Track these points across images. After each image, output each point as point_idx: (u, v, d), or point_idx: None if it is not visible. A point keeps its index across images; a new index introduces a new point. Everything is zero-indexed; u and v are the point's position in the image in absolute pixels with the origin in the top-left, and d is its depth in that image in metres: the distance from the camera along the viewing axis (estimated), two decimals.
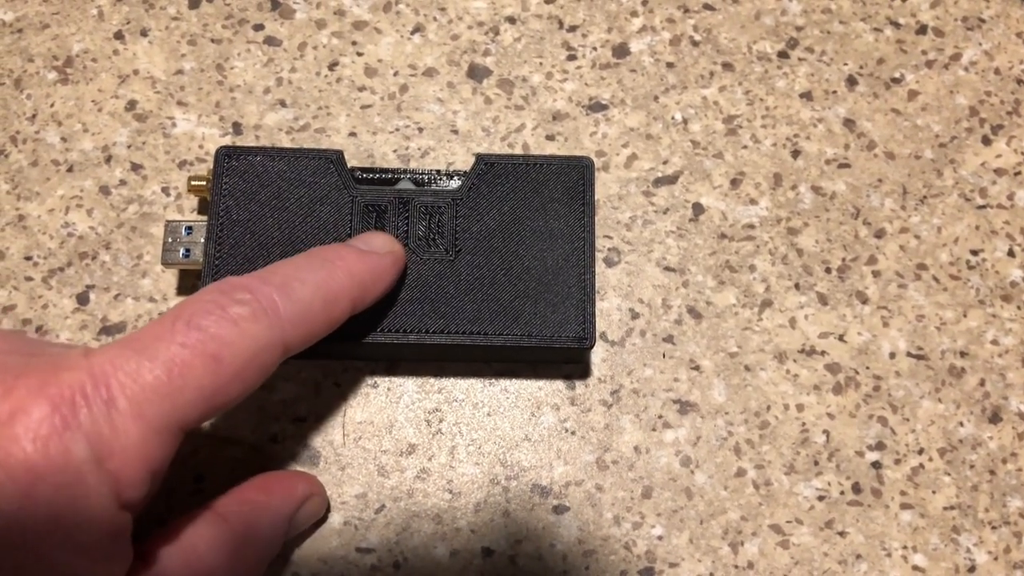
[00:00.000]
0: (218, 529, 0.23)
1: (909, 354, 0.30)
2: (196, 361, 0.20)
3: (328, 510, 0.28)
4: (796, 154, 0.32)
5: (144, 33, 0.33)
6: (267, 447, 0.29)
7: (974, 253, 0.31)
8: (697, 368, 0.30)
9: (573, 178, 0.29)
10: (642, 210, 0.31)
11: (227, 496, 0.25)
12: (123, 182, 0.31)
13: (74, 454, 0.18)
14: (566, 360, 0.30)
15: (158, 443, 0.20)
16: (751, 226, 0.31)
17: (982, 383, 0.30)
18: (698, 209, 0.31)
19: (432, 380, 0.29)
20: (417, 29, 0.33)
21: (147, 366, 0.20)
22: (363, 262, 0.25)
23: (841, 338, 0.30)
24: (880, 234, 0.31)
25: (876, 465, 0.29)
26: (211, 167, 0.29)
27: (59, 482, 0.18)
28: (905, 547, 0.28)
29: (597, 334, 0.29)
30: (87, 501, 0.19)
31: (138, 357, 0.20)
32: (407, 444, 0.29)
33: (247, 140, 0.32)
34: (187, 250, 0.28)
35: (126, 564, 0.21)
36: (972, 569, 0.28)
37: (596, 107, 0.33)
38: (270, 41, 0.33)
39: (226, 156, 0.28)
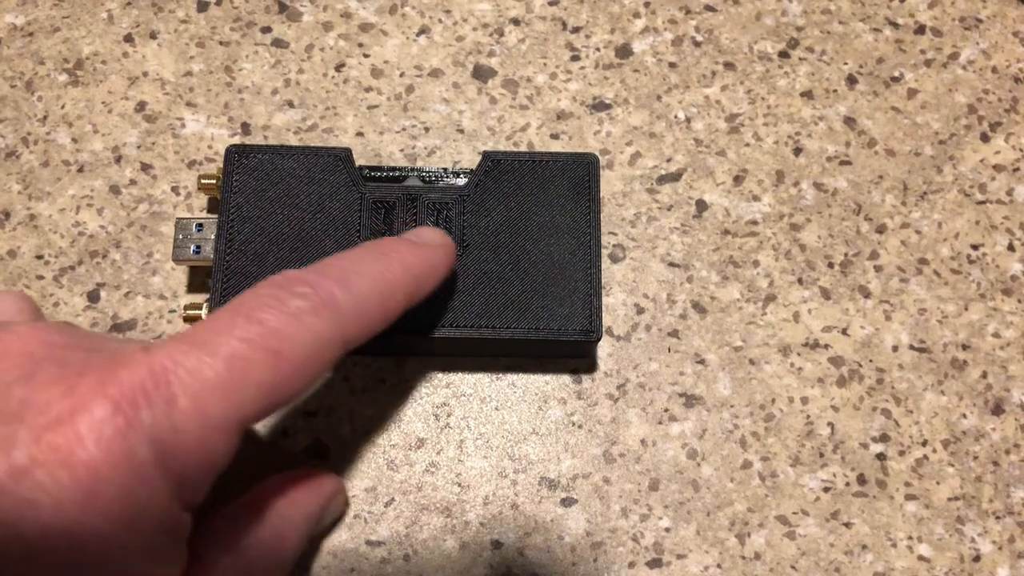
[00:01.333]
0: (259, 527, 0.23)
1: (912, 347, 0.31)
2: (256, 356, 0.20)
3: (347, 507, 0.28)
4: (798, 151, 0.33)
5: (153, 36, 0.33)
6: (278, 441, 0.29)
7: (974, 248, 0.32)
8: (702, 362, 0.30)
9: (579, 174, 0.29)
10: (646, 207, 0.32)
11: (261, 491, 0.24)
12: (133, 182, 0.31)
13: (137, 455, 0.18)
14: (573, 354, 0.30)
15: (220, 441, 0.19)
16: (754, 222, 0.32)
17: (984, 375, 0.30)
18: (702, 206, 0.32)
19: (440, 375, 0.30)
20: (423, 31, 0.34)
21: (207, 362, 0.19)
22: (416, 255, 0.24)
23: (844, 332, 0.31)
24: (881, 229, 0.32)
25: (880, 457, 0.29)
26: (220, 166, 0.29)
27: (122, 483, 0.18)
28: (910, 537, 0.29)
29: (603, 328, 0.30)
30: (150, 502, 0.19)
31: (198, 352, 0.19)
32: (416, 438, 0.29)
33: (255, 140, 0.32)
34: (198, 247, 0.29)
35: (183, 565, 0.21)
36: (977, 559, 0.28)
37: (600, 106, 0.33)
38: (278, 43, 0.33)
39: (236, 154, 0.29)
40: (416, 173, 0.30)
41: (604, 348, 0.30)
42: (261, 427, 0.29)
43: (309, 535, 0.26)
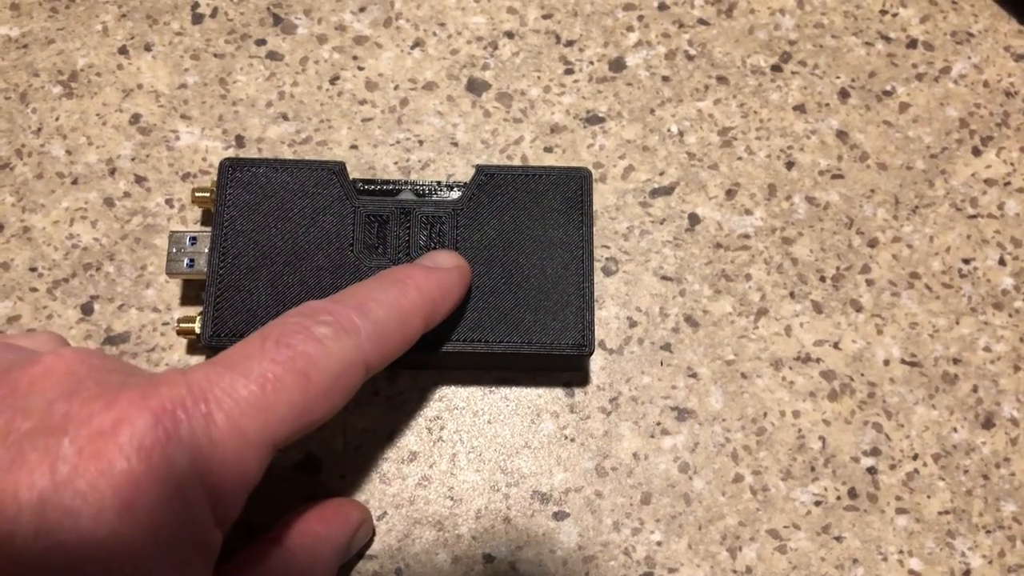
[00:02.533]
0: (287, 564, 0.24)
1: (903, 361, 0.31)
2: (287, 377, 0.21)
3: (373, 533, 0.28)
4: (790, 165, 0.33)
5: (148, 48, 0.33)
6: None
7: (966, 262, 0.32)
8: (694, 375, 0.30)
9: (572, 188, 0.29)
10: (639, 220, 0.32)
11: (289, 527, 0.25)
12: (127, 194, 0.31)
13: (176, 467, 0.18)
14: (565, 368, 0.30)
15: (254, 459, 0.20)
16: (746, 236, 0.32)
17: (975, 389, 0.31)
18: (694, 219, 0.32)
19: (433, 388, 0.30)
20: (417, 44, 0.34)
21: (242, 381, 0.20)
22: (431, 279, 0.25)
23: (836, 345, 0.31)
24: (873, 243, 0.32)
25: (871, 471, 0.29)
26: (215, 179, 0.29)
27: (160, 494, 0.18)
28: (901, 551, 0.29)
29: (596, 341, 0.30)
30: (186, 515, 0.19)
31: (232, 373, 0.20)
32: (408, 451, 0.29)
33: (249, 153, 0.32)
34: (191, 260, 0.29)
35: None
36: (967, 573, 0.29)
37: (593, 120, 0.33)
38: (272, 56, 0.33)
39: (230, 167, 0.29)
40: (410, 186, 0.30)
41: (597, 361, 0.30)
42: None
43: (337, 566, 0.26)
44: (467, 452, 0.29)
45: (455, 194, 0.30)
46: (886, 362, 0.31)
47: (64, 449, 0.18)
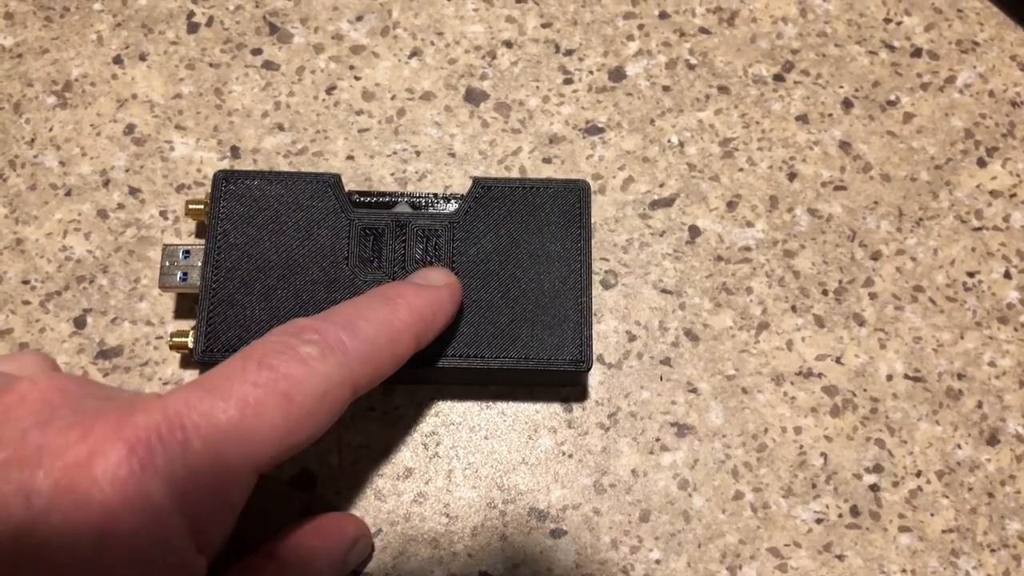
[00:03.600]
0: None
1: (906, 376, 0.30)
2: (268, 400, 0.20)
3: (372, 549, 0.28)
4: (792, 176, 0.32)
5: (143, 57, 0.33)
6: None
7: (970, 275, 0.31)
8: (694, 391, 0.30)
9: (570, 201, 0.29)
10: (639, 233, 0.31)
11: (284, 541, 0.24)
12: (121, 206, 0.31)
13: (153, 497, 0.18)
14: (563, 383, 0.30)
15: (235, 484, 0.20)
16: (747, 248, 0.31)
17: (979, 405, 0.30)
18: (694, 231, 0.32)
19: (429, 403, 0.29)
20: (414, 53, 0.33)
21: (220, 406, 0.20)
22: (422, 297, 0.25)
23: (838, 360, 0.30)
24: (876, 256, 0.32)
25: (874, 488, 0.29)
26: (209, 191, 0.29)
27: (137, 524, 0.18)
28: (904, 570, 0.28)
29: (594, 357, 0.29)
30: (166, 545, 0.19)
31: (211, 397, 0.20)
32: (404, 467, 0.29)
33: (245, 164, 0.32)
34: (184, 274, 0.28)
35: None
36: None
37: (592, 130, 0.33)
38: (268, 65, 0.33)
39: (224, 180, 0.29)
40: (406, 198, 0.29)
41: (595, 376, 0.30)
42: None
43: None
44: (463, 468, 0.29)
45: (452, 206, 0.29)
46: (889, 377, 0.30)
47: (39, 482, 0.18)
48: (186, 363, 0.30)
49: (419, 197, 0.29)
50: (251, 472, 0.20)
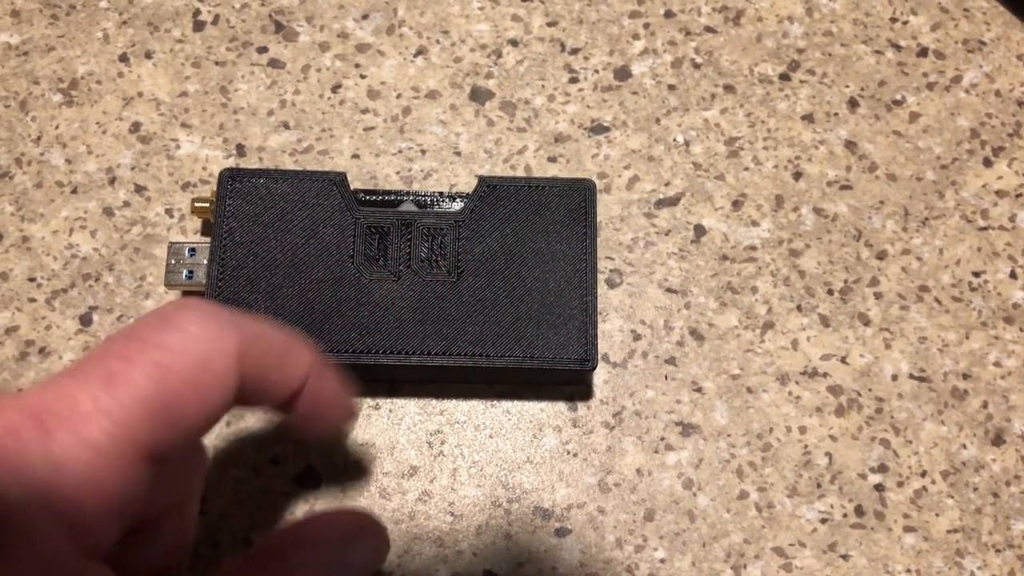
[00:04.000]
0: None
1: (911, 376, 0.30)
2: (135, 372, 0.18)
3: (386, 545, 0.27)
4: (798, 176, 0.32)
5: (149, 55, 0.33)
6: (267, 468, 0.29)
7: (976, 275, 0.31)
8: (699, 390, 0.30)
9: (575, 200, 0.29)
10: (644, 232, 0.31)
11: (274, 538, 0.22)
12: (127, 203, 0.31)
13: (12, 504, 0.16)
14: (568, 382, 0.30)
15: (112, 472, 0.17)
16: (753, 248, 0.31)
17: (985, 405, 0.30)
18: (700, 231, 0.32)
19: (434, 402, 0.29)
20: (420, 52, 0.33)
21: (83, 387, 0.17)
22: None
23: (843, 360, 0.30)
24: (882, 256, 0.31)
25: (879, 488, 0.29)
26: (215, 189, 0.29)
27: (3, 540, 0.16)
28: (908, 570, 0.28)
29: (599, 356, 0.29)
30: (37, 555, 0.17)
31: (72, 382, 0.18)
32: (409, 466, 0.29)
33: (250, 162, 0.32)
34: (190, 272, 0.28)
35: None
36: None
37: (598, 129, 0.33)
38: (274, 63, 0.33)
39: (230, 178, 0.29)
40: (411, 197, 0.29)
41: (600, 375, 0.30)
42: (251, 453, 0.29)
43: None
44: (468, 467, 0.29)
45: (457, 205, 0.29)
46: (894, 377, 0.30)
47: None
48: None
49: (424, 196, 0.29)
50: (132, 456, 0.18)
